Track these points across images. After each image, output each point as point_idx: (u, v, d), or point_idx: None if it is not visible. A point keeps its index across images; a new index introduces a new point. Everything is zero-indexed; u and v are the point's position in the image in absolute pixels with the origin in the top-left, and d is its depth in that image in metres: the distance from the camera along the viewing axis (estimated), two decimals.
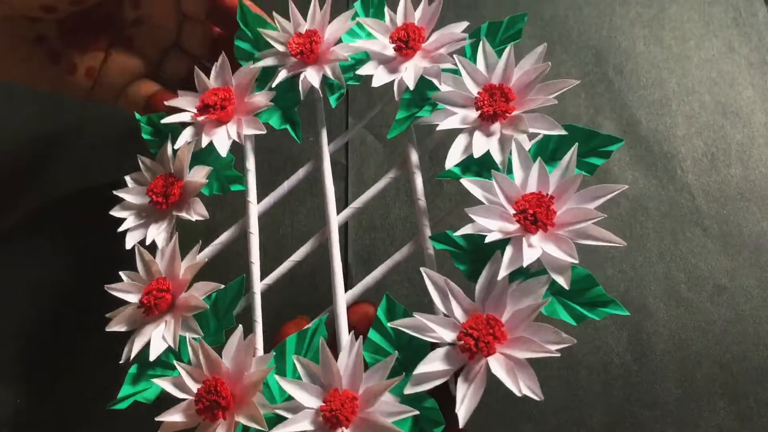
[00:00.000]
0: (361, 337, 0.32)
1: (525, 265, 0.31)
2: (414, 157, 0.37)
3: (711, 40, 0.53)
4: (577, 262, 0.31)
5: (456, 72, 0.37)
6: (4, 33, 0.40)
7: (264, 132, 0.39)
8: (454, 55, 0.37)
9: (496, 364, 0.30)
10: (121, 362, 0.35)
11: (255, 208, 0.38)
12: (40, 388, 0.44)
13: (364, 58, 0.40)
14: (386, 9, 0.40)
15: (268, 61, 0.40)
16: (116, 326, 0.36)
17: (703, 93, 0.51)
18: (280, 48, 0.40)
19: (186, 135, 0.39)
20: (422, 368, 0.31)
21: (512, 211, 0.33)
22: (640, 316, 0.44)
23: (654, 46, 0.53)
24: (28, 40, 0.41)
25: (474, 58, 0.38)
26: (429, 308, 0.33)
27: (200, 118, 0.39)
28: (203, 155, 0.39)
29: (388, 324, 0.32)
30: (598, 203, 0.32)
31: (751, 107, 0.50)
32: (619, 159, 0.49)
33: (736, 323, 0.43)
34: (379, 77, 0.38)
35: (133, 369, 0.35)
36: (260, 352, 0.35)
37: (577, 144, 0.34)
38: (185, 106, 0.40)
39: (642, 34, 0.54)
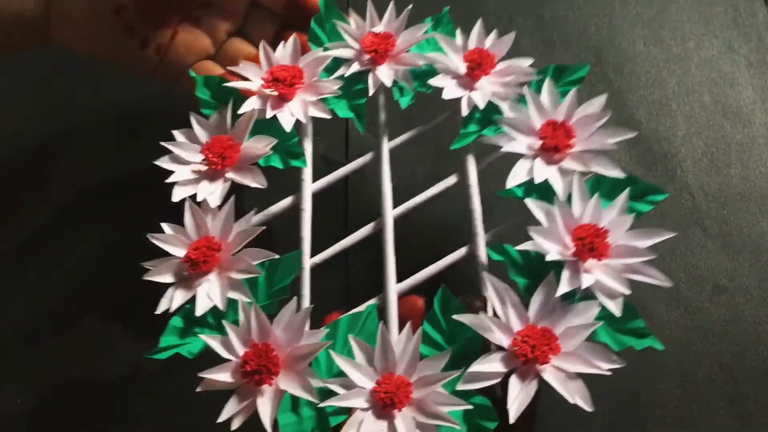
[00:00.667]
0: (420, 327, 0.33)
1: (583, 287, 0.33)
2: (472, 169, 0.39)
3: (711, 40, 0.53)
4: (629, 293, 0.34)
5: (520, 101, 0.40)
6: (85, 2, 0.40)
7: (329, 117, 0.39)
8: (524, 87, 0.40)
9: (548, 374, 0.32)
10: (157, 313, 0.35)
11: (309, 187, 0.39)
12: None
13: (429, 70, 0.42)
14: (458, 31, 0.43)
15: (342, 53, 0.41)
16: (157, 277, 0.35)
17: (703, 93, 0.52)
18: (352, 43, 0.42)
19: (253, 102, 0.39)
20: (477, 367, 0.32)
21: (568, 237, 0.35)
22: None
23: (654, 46, 0.53)
24: (108, 10, 0.41)
25: (538, 93, 0.40)
26: None
27: (268, 90, 0.39)
28: (262, 125, 0.39)
29: (454, 316, 0.33)
30: (648, 243, 0.35)
31: (751, 107, 0.50)
32: (620, 159, 0.49)
33: (736, 323, 0.44)
34: (450, 91, 0.40)
35: (175, 321, 0.34)
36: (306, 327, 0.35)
37: (629, 188, 0.37)
38: (249, 75, 0.41)
39: (642, 34, 0.54)
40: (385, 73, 0.40)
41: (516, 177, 0.38)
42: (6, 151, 0.51)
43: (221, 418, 0.32)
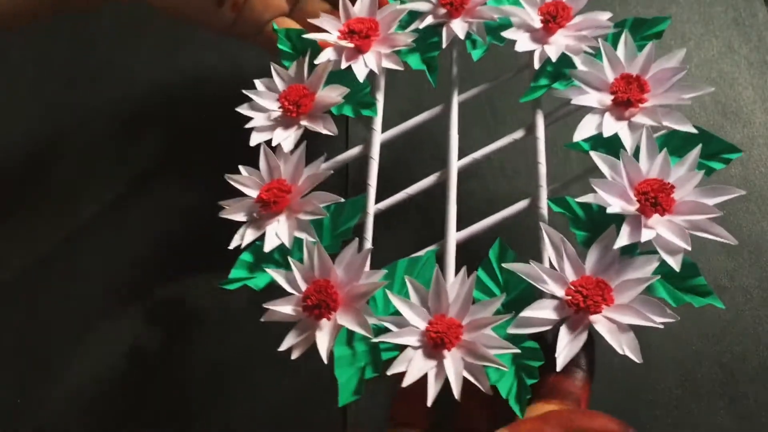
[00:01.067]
0: (474, 272, 0.34)
1: (642, 240, 0.33)
2: (540, 122, 0.39)
3: (711, 40, 0.52)
4: (690, 249, 0.33)
5: (594, 56, 0.39)
6: None
7: (402, 68, 0.40)
8: (599, 40, 0.39)
9: (599, 324, 0.32)
10: (230, 248, 0.37)
11: (378, 136, 0.40)
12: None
13: (503, 23, 0.42)
14: None
15: (419, 6, 0.42)
16: (231, 215, 0.38)
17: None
18: None
19: (328, 53, 0.41)
20: (528, 313, 0.33)
21: (632, 192, 0.35)
22: None
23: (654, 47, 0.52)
24: None
25: (614, 47, 0.40)
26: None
27: (343, 42, 0.41)
28: (337, 77, 0.41)
29: (504, 265, 0.34)
30: (716, 201, 0.34)
31: (751, 107, 0.49)
32: None
33: (736, 323, 0.43)
34: (523, 43, 0.40)
35: (245, 256, 0.37)
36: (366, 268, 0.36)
37: (701, 144, 0.36)
38: (327, 28, 0.42)
39: None
40: (459, 26, 0.41)
41: (584, 130, 0.37)
42: (6, 150, 0.53)
43: (282, 348, 0.34)
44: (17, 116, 0.55)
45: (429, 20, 0.41)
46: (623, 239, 0.33)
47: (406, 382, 0.32)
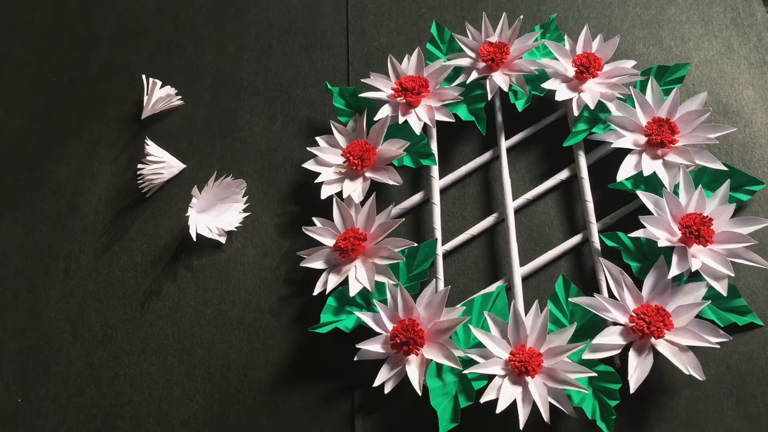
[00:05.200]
0: (548, 306, 0.38)
1: (693, 270, 0.38)
2: (583, 163, 0.44)
3: (710, 40, 0.52)
4: (733, 275, 0.38)
5: (624, 100, 0.44)
6: None
7: (453, 120, 0.44)
8: (630, 87, 0.44)
9: (662, 347, 0.37)
10: (314, 294, 0.40)
11: (437, 183, 0.44)
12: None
13: (540, 74, 0.46)
14: (565, 36, 0.47)
15: (462, 61, 0.46)
16: (312, 263, 0.41)
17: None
18: (470, 53, 0.46)
19: (386, 110, 0.44)
20: (600, 339, 0.37)
21: (675, 225, 0.39)
22: None
23: (654, 47, 0.52)
24: None
25: (643, 92, 0.44)
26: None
27: (398, 99, 0.44)
28: (391, 129, 0.45)
29: (571, 299, 0.38)
30: (750, 230, 0.39)
31: (752, 107, 0.49)
32: None
33: None
34: (561, 93, 0.44)
35: (331, 301, 0.40)
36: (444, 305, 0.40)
37: (729, 180, 0.41)
38: (379, 86, 0.46)
39: (641, 35, 0.52)
40: (501, 79, 0.45)
41: (625, 170, 0.42)
42: (6, 150, 0.52)
43: (376, 383, 0.37)
44: (16, 116, 0.54)
45: (474, 75, 0.45)
46: (675, 269, 0.38)
47: (500, 408, 0.35)
